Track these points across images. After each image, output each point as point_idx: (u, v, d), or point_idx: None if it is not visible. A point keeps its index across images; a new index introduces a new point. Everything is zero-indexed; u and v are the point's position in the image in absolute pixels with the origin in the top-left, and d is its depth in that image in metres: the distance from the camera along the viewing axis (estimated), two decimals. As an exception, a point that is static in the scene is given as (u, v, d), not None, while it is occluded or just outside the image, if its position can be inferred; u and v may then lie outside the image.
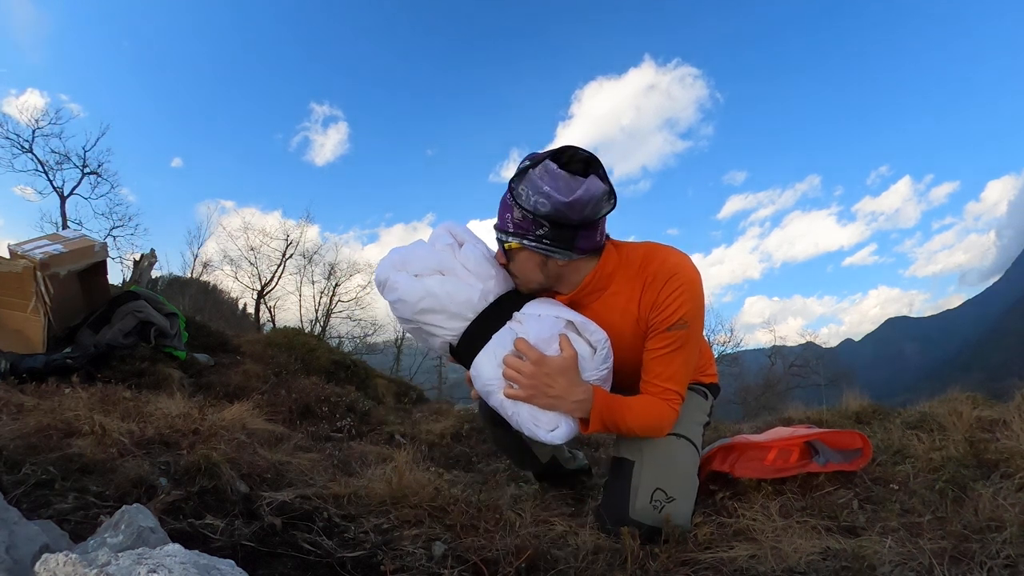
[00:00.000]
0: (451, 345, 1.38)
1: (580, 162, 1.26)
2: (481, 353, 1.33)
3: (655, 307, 1.34)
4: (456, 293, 1.34)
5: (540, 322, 1.32)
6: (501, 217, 1.34)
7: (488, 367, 1.32)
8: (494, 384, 1.32)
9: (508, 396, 1.30)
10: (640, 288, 1.37)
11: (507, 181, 1.31)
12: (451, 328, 1.36)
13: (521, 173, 1.26)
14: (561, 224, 1.26)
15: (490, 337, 1.34)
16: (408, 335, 1.63)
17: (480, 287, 1.36)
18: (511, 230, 1.32)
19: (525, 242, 1.30)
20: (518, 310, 1.37)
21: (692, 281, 1.34)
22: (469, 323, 1.35)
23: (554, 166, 1.23)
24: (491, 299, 1.37)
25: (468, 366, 1.37)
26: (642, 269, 1.37)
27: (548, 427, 1.30)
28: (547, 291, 1.43)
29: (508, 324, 1.35)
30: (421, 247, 1.43)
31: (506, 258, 1.38)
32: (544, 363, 1.26)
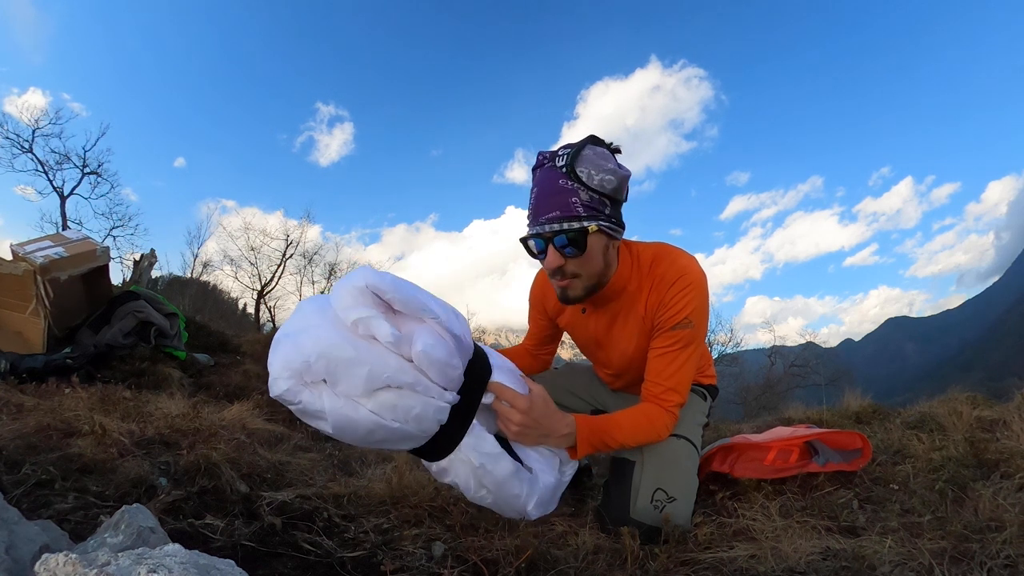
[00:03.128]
0: (411, 450, 1.14)
1: (611, 144, 1.31)
2: (455, 456, 1.13)
3: (662, 306, 1.36)
4: (421, 417, 1.01)
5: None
6: (563, 205, 1.23)
7: (464, 477, 1.15)
8: (469, 490, 1.16)
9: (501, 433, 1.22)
10: (648, 288, 1.39)
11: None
12: (409, 446, 1.09)
13: (575, 156, 1.23)
14: (617, 201, 1.29)
15: (459, 442, 1.12)
16: None
17: (449, 397, 1.05)
18: (584, 214, 1.23)
19: (601, 223, 1.26)
20: (479, 396, 1.16)
21: (699, 283, 1.35)
22: (434, 434, 1.09)
23: (600, 148, 1.27)
24: (458, 399, 1.10)
25: (430, 462, 1.18)
26: (651, 270, 1.39)
27: (539, 509, 1.26)
28: (591, 290, 1.35)
29: (476, 422, 1.15)
30: (340, 344, 0.94)
31: (567, 251, 1.27)
32: (530, 408, 1.21)
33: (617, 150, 1.31)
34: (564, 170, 1.23)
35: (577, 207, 1.23)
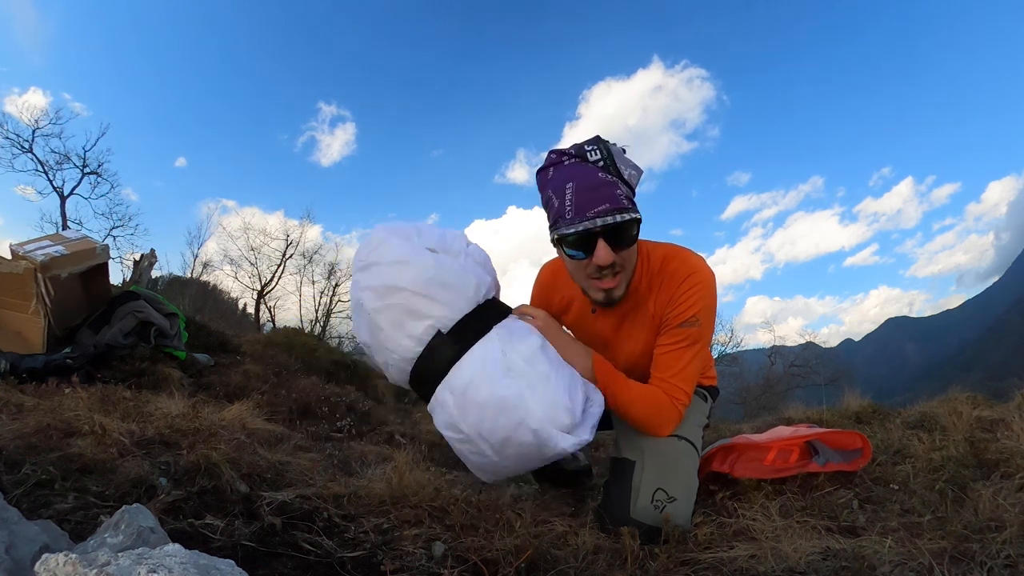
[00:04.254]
0: (438, 332, 1.22)
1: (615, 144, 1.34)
2: (484, 340, 1.23)
3: (671, 303, 1.37)
4: (469, 275, 1.27)
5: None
6: (611, 197, 1.22)
7: (492, 354, 1.21)
8: (495, 372, 1.18)
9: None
10: (658, 287, 1.40)
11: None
12: (452, 309, 1.23)
13: (607, 152, 1.24)
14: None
15: (490, 328, 1.26)
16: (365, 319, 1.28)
17: (488, 279, 1.32)
18: (628, 205, 1.24)
19: (639, 216, 1.28)
20: (505, 314, 1.35)
21: (709, 283, 1.36)
22: (471, 310, 1.26)
23: (618, 147, 1.30)
24: (491, 295, 1.34)
25: (444, 369, 1.22)
26: (662, 268, 1.40)
27: (564, 419, 1.17)
28: (626, 292, 1.38)
29: (505, 322, 1.31)
30: (425, 225, 1.37)
31: (621, 245, 1.27)
32: (547, 316, 1.44)
33: (623, 150, 1.32)
34: (601, 164, 1.23)
35: (623, 199, 1.23)
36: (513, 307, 1.43)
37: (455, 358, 1.21)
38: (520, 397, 1.15)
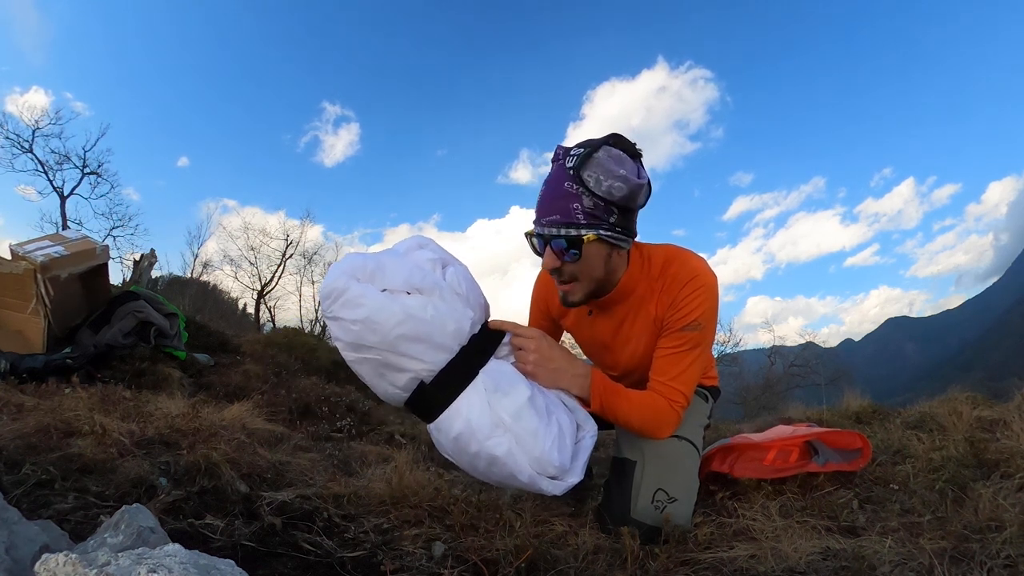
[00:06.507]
0: (421, 383, 1.16)
1: (634, 146, 1.28)
2: (470, 390, 1.16)
3: (672, 307, 1.36)
4: (446, 319, 1.14)
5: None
6: (563, 210, 1.21)
7: (478, 409, 1.15)
8: (482, 429, 1.14)
9: (519, 369, 1.26)
10: (659, 290, 1.38)
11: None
12: (430, 362, 1.14)
13: (585, 159, 1.20)
14: (627, 209, 1.26)
15: (476, 373, 1.17)
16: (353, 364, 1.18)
17: (471, 315, 1.20)
18: (583, 221, 1.21)
19: (601, 232, 1.23)
20: (496, 343, 1.25)
21: (711, 285, 1.35)
22: (453, 356, 1.16)
23: (617, 151, 1.23)
24: (476, 329, 1.21)
25: (435, 411, 1.17)
26: (663, 271, 1.39)
27: (551, 472, 1.19)
28: (592, 295, 1.36)
29: (493, 360, 1.22)
30: (392, 256, 1.19)
31: (565, 257, 1.26)
32: (545, 337, 1.31)
33: (636, 153, 1.27)
34: (571, 172, 1.21)
35: (578, 214, 1.21)
36: (506, 321, 1.32)
37: (443, 405, 1.17)
38: (509, 454, 1.16)
